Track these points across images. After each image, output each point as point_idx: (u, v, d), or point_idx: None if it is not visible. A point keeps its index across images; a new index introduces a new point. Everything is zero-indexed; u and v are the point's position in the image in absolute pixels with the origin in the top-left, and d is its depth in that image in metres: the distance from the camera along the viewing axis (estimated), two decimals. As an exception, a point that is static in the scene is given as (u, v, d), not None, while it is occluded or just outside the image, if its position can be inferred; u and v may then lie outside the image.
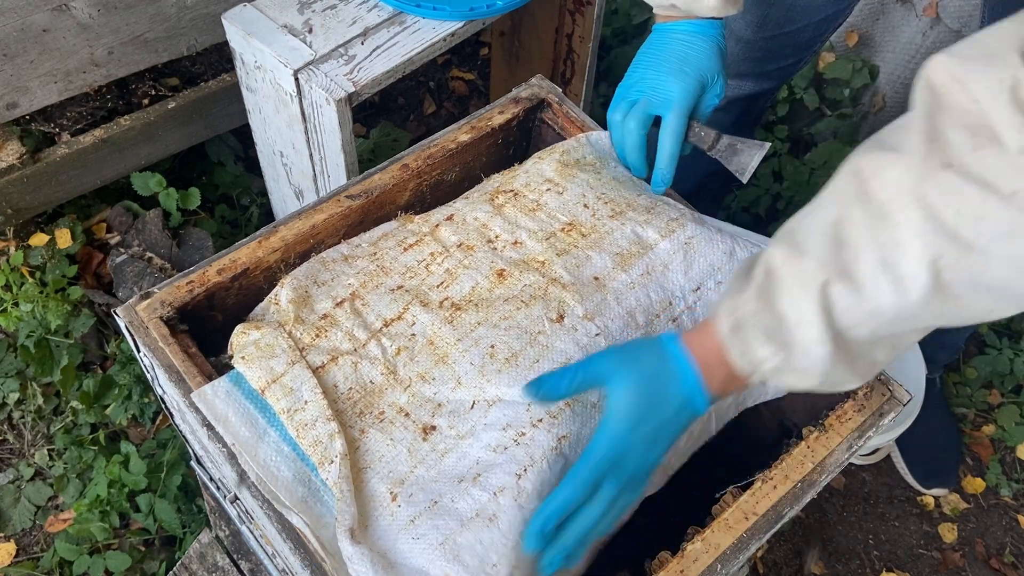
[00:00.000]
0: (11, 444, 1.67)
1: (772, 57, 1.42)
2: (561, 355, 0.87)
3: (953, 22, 1.91)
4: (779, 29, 1.37)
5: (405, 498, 0.79)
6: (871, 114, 2.20)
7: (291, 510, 0.78)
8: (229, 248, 0.96)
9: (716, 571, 0.85)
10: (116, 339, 1.70)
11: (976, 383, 1.89)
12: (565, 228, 0.99)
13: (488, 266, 0.95)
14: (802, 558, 1.69)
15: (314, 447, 0.80)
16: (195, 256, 1.79)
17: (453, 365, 0.87)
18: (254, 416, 0.82)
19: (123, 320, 0.90)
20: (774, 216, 2.11)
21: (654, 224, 0.99)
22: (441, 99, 2.31)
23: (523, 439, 0.82)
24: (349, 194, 1.02)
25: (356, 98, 1.28)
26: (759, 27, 1.37)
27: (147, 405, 1.63)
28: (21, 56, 1.51)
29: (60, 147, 1.68)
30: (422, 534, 0.76)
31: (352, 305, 0.91)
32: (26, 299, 1.68)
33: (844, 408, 0.96)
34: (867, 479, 1.81)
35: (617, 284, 0.94)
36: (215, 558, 1.45)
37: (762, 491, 0.90)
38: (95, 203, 1.87)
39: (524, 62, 1.90)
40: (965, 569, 1.71)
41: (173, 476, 1.55)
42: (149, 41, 1.64)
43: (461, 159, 1.10)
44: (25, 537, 1.60)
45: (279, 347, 0.86)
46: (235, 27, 1.34)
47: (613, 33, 2.30)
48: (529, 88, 1.15)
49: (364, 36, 1.35)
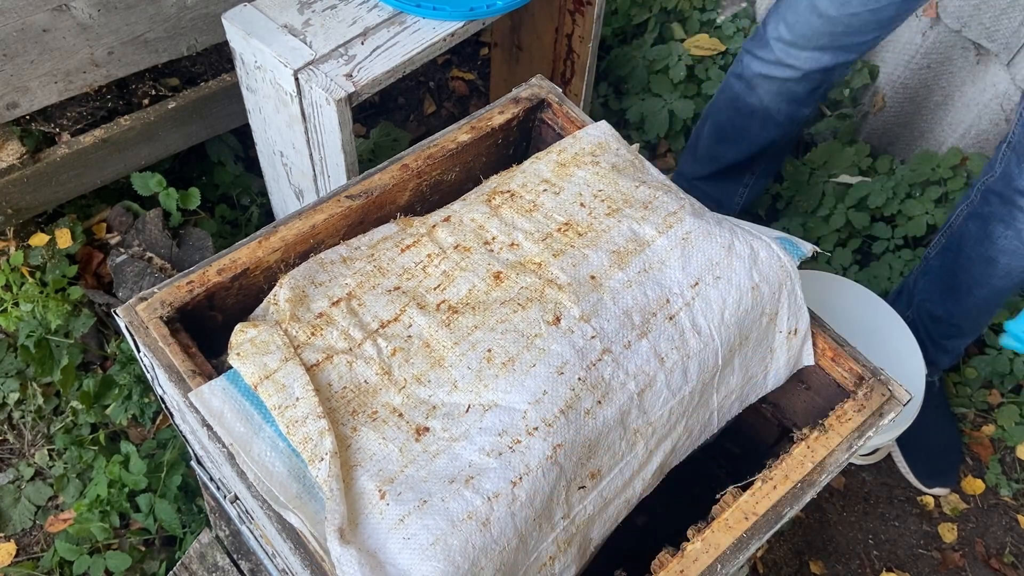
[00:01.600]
0: (11, 444, 1.67)
1: (853, 32, 1.44)
2: (558, 358, 0.87)
3: (953, 22, 1.91)
4: (863, 7, 1.38)
5: (394, 496, 0.79)
6: (871, 114, 2.20)
7: (286, 507, 0.78)
8: (229, 248, 0.96)
9: (716, 571, 0.85)
10: (116, 339, 1.70)
11: (976, 383, 1.89)
12: (561, 228, 0.99)
13: (485, 268, 0.95)
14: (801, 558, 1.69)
15: (304, 444, 0.80)
16: (195, 256, 1.79)
17: (450, 368, 0.87)
18: (249, 412, 0.82)
19: (123, 320, 0.90)
20: (774, 216, 2.11)
21: (651, 220, 0.99)
22: (441, 99, 2.31)
23: (518, 447, 0.82)
24: (349, 194, 1.02)
25: (356, 98, 1.28)
26: (843, 4, 1.38)
27: (147, 405, 1.63)
28: (21, 56, 1.51)
29: (60, 147, 1.68)
30: (412, 534, 0.76)
31: (348, 305, 0.91)
32: (26, 299, 1.68)
33: (844, 408, 0.96)
34: (867, 479, 1.81)
35: (614, 283, 0.94)
36: (215, 558, 1.45)
37: (762, 491, 0.90)
38: (95, 203, 1.87)
39: (524, 62, 1.90)
40: (965, 569, 1.71)
41: (173, 476, 1.55)
42: (149, 41, 1.64)
43: (461, 159, 1.10)
44: (25, 537, 1.60)
45: (273, 344, 0.86)
46: (235, 27, 1.34)
47: (613, 33, 2.30)
48: (529, 88, 1.15)
49: (364, 36, 1.35)
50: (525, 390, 0.85)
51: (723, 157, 1.80)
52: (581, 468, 0.86)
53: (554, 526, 0.85)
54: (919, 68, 2.05)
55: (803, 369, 1.05)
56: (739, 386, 1.02)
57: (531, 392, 0.85)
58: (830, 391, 1.04)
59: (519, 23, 1.84)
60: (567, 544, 0.86)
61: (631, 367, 0.90)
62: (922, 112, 2.11)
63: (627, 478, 0.91)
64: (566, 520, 0.86)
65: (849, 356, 1.01)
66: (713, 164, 1.83)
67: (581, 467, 0.86)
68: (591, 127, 1.10)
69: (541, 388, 0.85)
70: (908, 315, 1.70)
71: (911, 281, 1.74)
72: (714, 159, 1.82)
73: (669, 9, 2.32)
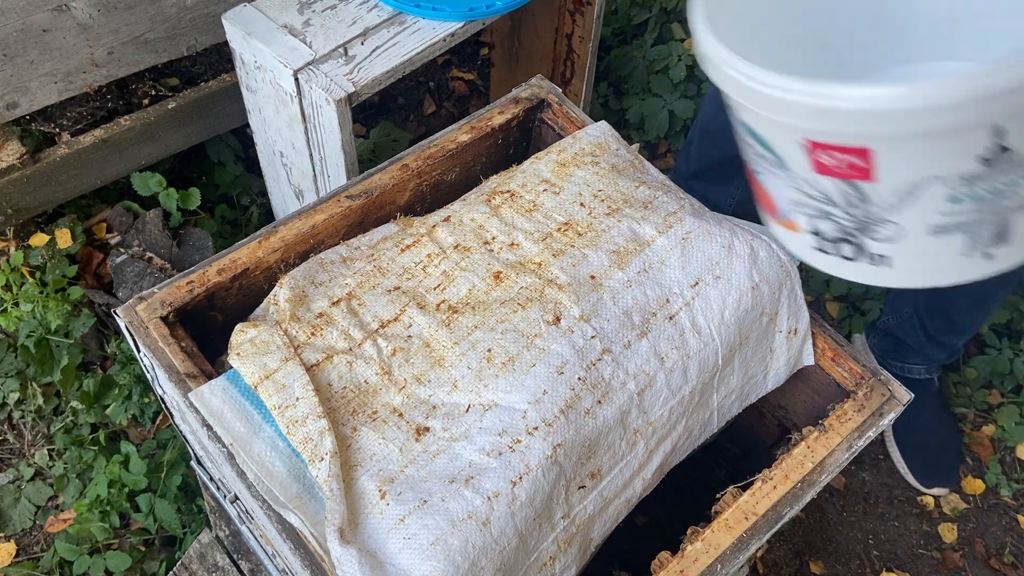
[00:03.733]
0: (11, 444, 1.67)
1: None
2: (557, 358, 0.88)
3: (953, 22, 1.91)
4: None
5: (394, 496, 0.79)
6: (871, 114, 2.20)
7: (286, 507, 0.78)
8: (229, 248, 0.96)
9: (716, 571, 0.85)
10: (116, 339, 1.70)
11: (976, 383, 1.89)
12: (561, 228, 0.99)
13: (485, 268, 0.95)
14: (801, 558, 1.69)
15: (304, 444, 0.80)
16: (195, 256, 1.79)
17: (450, 368, 0.87)
18: (249, 412, 0.82)
19: (123, 320, 0.90)
20: (774, 216, 2.11)
21: (651, 220, 0.99)
22: (441, 99, 2.31)
23: (518, 446, 0.82)
24: (349, 194, 1.02)
25: (356, 98, 1.28)
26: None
27: (147, 405, 1.63)
28: (21, 56, 1.51)
29: (60, 147, 1.68)
30: (412, 534, 0.76)
31: (348, 305, 0.91)
32: (26, 299, 1.68)
33: (844, 408, 0.96)
34: (867, 479, 1.81)
35: (614, 283, 0.94)
36: (215, 558, 1.45)
37: (762, 491, 0.90)
38: (95, 203, 1.87)
39: (524, 62, 1.90)
40: (965, 569, 1.71)
41: (173, 476, 1.55)
42: (149, 41, 1.64)
43: (461, 159, 1.10)
44: (25, 537, 1.60)
45: (273, 344, 0.86)
46: (235, 27, 1.34)
47: (613, 33, 2.30)
48: (529, 88, 1.15)
49: (364, 36, 1.35)
50: (525, 390, 0.85)
51: (709, 155, 1.80)
52: (581, 468, 0.86)
53: (554, 526, 0.85)
54: (919, 68, 2.05)
55: (803, 369, 1.05)
56: (739, 386, 1.02)
57: (531, 392, 0.85)
58: (830, 391, 1.04)
59: (519, 23, 1.84)
60: (567, 544, 0.86)
61: (631, 367, 0.90)
62: (922, 112, 2.10)
63: (627, 478, 0.91)
64: (566, 520, 0.86)
65: (849, 356, 1.01)
66: (702, 161, 1.82)
67: (581, 467, 0.86)
68: (591, 127, 1.10)
69: (541, 388, 0.86)
70: (906, 309, 1.70)
71: None
72: (702, 156, 1.81)
73: (669, 9, 2.32)
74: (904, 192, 0.78)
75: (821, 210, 0.86)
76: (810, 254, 0.95)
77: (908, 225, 0.82)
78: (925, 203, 0.79)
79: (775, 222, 0.96)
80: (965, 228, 0.82)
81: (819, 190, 0.83)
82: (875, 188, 0.79)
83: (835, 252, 0.91)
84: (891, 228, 0.83)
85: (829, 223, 0.87)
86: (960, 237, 0.83)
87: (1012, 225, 0.82)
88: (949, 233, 0.82)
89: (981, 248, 0.84)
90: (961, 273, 0.87)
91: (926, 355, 1.70)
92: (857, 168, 0.78)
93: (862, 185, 0.80)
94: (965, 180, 0.76)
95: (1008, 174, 0.76)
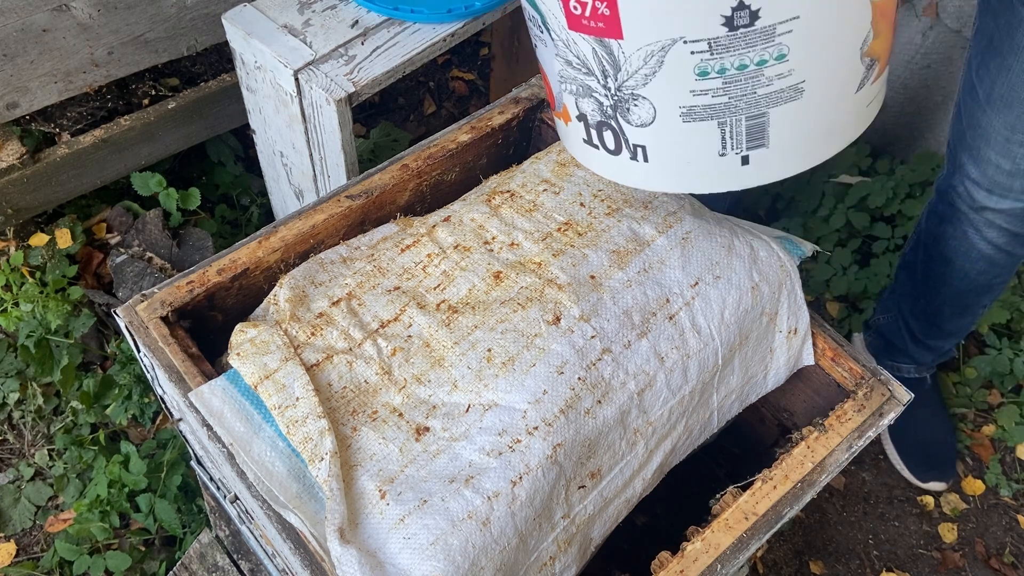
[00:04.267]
0: (11, 444, 1.67)
1: None
2: (557, 358, 0.88)
3: (953, 22, 1.91)
4: None
5: (394, 496, 0.79)
6: (871, 114, 2.20)
7: (286, 507, 0.78)
8: (229, 248, 0.96)
9: (716, 571, 0.85)
10: (116, 339, 1.70)
11: (976, 383, 1.89)
12: (561, 228, 0.99)
13: (485, 268, 0.95)
14: (801, 558, 1.69)
15: (304, 444, 0.80)
16: (195, 256, 1.79)
17: (450, 368, 0.87)
18: (249, 412, 0.82)
19: (123, 320, 0.90)
20: (774, 216, 2.11)
21: (651, 220, 0.99)
22: (441, 99, 2.31)
23: (518, 446, 0.82)
24: (349, 194, 1.02)
25: (356, 98, 1.28)
26: None
27: (147, 405, 1.63)
28: (21, 56, 1.51)
29: (60, 147, 1.68)
30: (412, 534, 0.76)
31: (348, 305, 0.91)
32: (26, 299, 1.68)
33: (844, 408, 0.96)
34: (867, 479, 1.81)
35: (613, 282, 0.94)
36: (215, 558, 1.45)
37: (762, 491, 0.90)
38: (95, 203, 1.87)
39: (524, 62, 1.90)
40: (965, 569, 1.71)
41: (173, 476, 1.55)
42: (149, 41, 1.64)
43: (461, 159, 1.10)
44: (25, 537, 1.60)
45: (273, 344, 0.86)
46: (235, 27, 1.34)
47: (613, 33, 2.30)
48: (529, 88, 1.15)
49: (364, 36, 1.35)
50: (525, 390, 0.85)
51: None
52: (581, 468, 0.86)
53: (554, 526, 0.85)
54: (919, 68, 2.05)
55: (803, 369, 1.05)
56: (739, 386, 1.02)
57: (531, 392, 0.85)
58: (830, 391, 1.04)
59: (519, 23, 1.84)
60: (567, 544, 0.86)
61: (631, 367, 0.90)
62: (922, 112, 2.11)
63: (627, 478, 0.91)
64: (566, 520, 0.86)
65: (849, 356, 1.01)
66: None
67: (581, 467, 0.86)
68: None
69: (541, 388, 0.86)
70: (892, 312, 1.70)
71: (895, 275, 1.74)
72: None
73: (669, 9, 2.32)
74: (650, 54, 0.78)
75: (583, 84, 0.86)
76: (581, 149, 0.95)
77: (660, 104, 0.81)
78: (673, 72, 0.78)
79: (555, 116, 0.97)
80: (718, 114, 0.80)
81: (577, 55, 0.83)
82: (623, 48, 0.78)
83: (600, 144, 0.91)
84: (645, 107, 0.82)
85: (590, 102, 0.87)
86: (714, 128, 0.81)
87: (770, 125, 0.81)
88: (702, 119, 0.81)
89: (737, 148, 0.82)
90: (722, 179, 0.85)
91: (912, 356, 1.70)
92: (603, 18, 0.77)
93: (611, 43, 0.79)
94: (712, 48, 0.75)
95: (755, 47, 0.75)
